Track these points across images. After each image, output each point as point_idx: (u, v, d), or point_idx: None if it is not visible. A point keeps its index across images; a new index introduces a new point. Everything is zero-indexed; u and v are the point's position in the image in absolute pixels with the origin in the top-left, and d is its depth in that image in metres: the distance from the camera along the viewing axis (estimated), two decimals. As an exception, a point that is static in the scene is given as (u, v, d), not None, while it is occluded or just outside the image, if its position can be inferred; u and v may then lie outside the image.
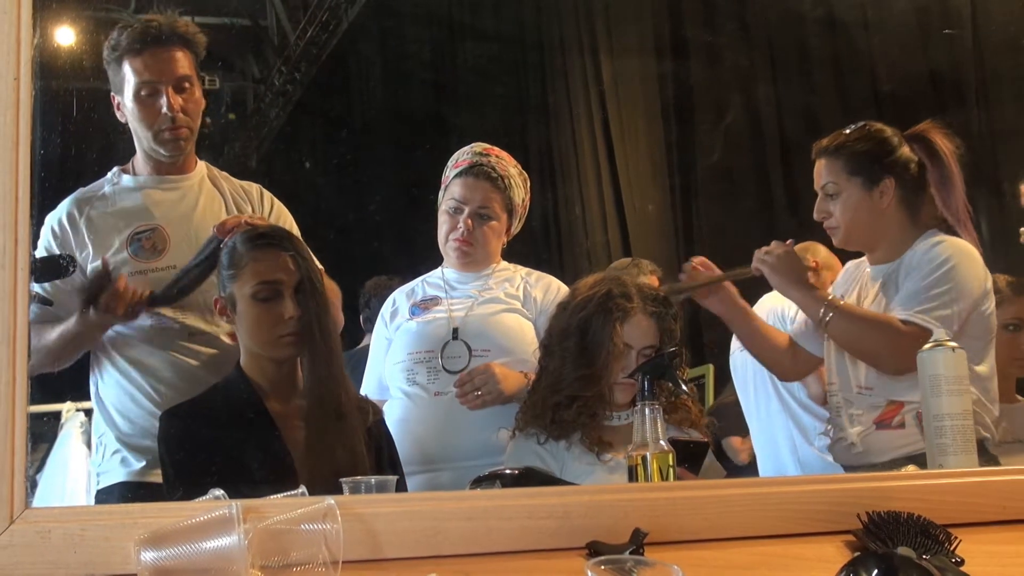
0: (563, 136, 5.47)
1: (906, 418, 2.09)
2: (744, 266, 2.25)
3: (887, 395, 2.12)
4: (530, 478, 1.61)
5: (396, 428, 2.12)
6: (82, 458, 3.45)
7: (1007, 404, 2.41)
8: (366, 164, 5.25)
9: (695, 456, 1.86)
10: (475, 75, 5.52)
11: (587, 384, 2.01)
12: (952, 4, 3.76)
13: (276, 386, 1.90)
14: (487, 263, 2.35)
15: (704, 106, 4.95)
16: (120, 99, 2.12)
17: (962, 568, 1.23)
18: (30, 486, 1.16)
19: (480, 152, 2.33)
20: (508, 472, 1.63)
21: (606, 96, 5.26)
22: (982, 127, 3.84)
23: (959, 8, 3.73)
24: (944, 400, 1.71)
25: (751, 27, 4.66)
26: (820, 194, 2.22)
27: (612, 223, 5.19)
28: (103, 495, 2.08)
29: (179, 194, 2.17)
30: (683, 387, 1.99)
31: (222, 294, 1.92)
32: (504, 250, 2.40)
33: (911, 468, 1.75)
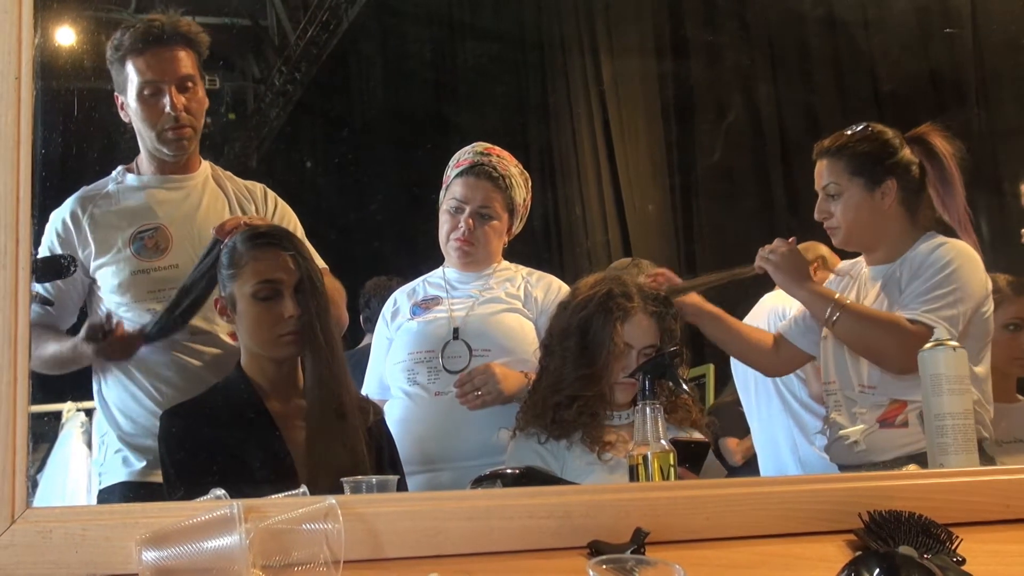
0: (563, 136, 5.46)
1: (910, 417, 2.09)
2: (744, 265, 2.25)
3: (890, 394, 2.12)
4: (531, 478, 1.61)
5: (397, 428, 2.13)
6: (83, 458, 3.45)
7: (1007, 404, 2.42)
8: (367, 164, 5.25)
9: (696, 456, 1.86)
10: (475, 75, 5.52)
11: (588, 384, 2.01)
12: (952, 3, 3.75)
13: (276, 386, 1.90)
14: (488, 263, 2.35)
15: (704, 106, 4.94)
16: (124, 99, 2.13)
17: (964, 567, 1.23)
18: (31, 486, 1.16)
19: (481, 152, 2.33)
20: (509, 472, 1.63)
21: (606, 96, 5.25)
22: (982, 127, 3.83)
23: (959, 7, 3.73)
24: (945, 399, 1.71)
25: (751, 26, 4.66)
26: (821, 194, 2.22)
27: (612, 223, 5.19)
28: (105, 494, 2.09)
29: (183, 193, 2.17)
30: (684, 387, 1.99)
31: (222, 293, 1.92)
32: (505, 250, 2.40)
33: (912, 467, 1.75)
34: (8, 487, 1.13)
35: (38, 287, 2.00)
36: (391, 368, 2.30)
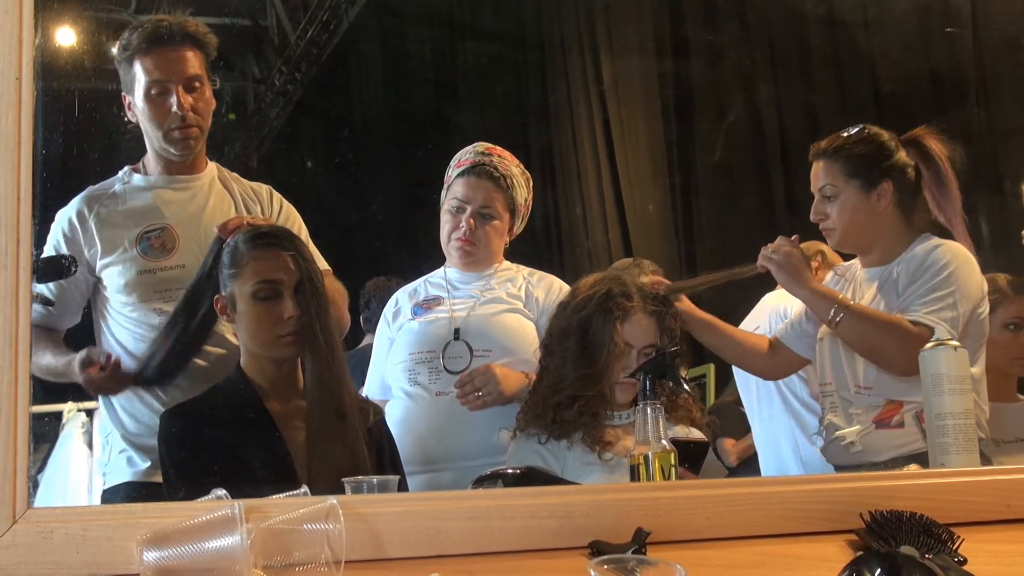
0: (563, 136, 5.46)
1: (906, 417, 2.09)
2: (745, 264, 2.25)
3: (886, 394, 2.12)
4: (532, 478, 1.61)
5: (397, 428, 2.13)
6: (83, 458, 3.45)
7: (1008, 403, 2.42)
8: (367, 164, 5.24)
9: (695, 456, 1.86)
10: (476, 75, 5.52)
11: (588, 383, 2.01)
12: (952, 3, 3.75)
13: (276, 386, 1.90)
14: (489, 263, 2.35)
15: (704, 105, 4.94)
16: (131, 99, 2.14)
17: (965, 567, 1.23)
18: (32, 486, 1.16)
19: (483, 152, 2.33)
20: (510, 472, 1.63)
21: (606, 96, 5.25)
22: (982, 127, 3.83)
23: (960, 7, 3.73)
24: (946, 399, 1.71)
25: (751, 26, 4.65)
26: (817, 196, 2.23)
27: (613, 223, 5.19)
28: (108, 494, 2.09)
29: (189, 194, 2.18)
30: (685, 386, 1.99)
31: (223, 293, 1.92)
32: (506, 250, 2.40)
33: (913, 467, 1.75)
34: (9, 487, 1.13)
35: (39, 287, 2.00)
36: (392, 368, 2.30)
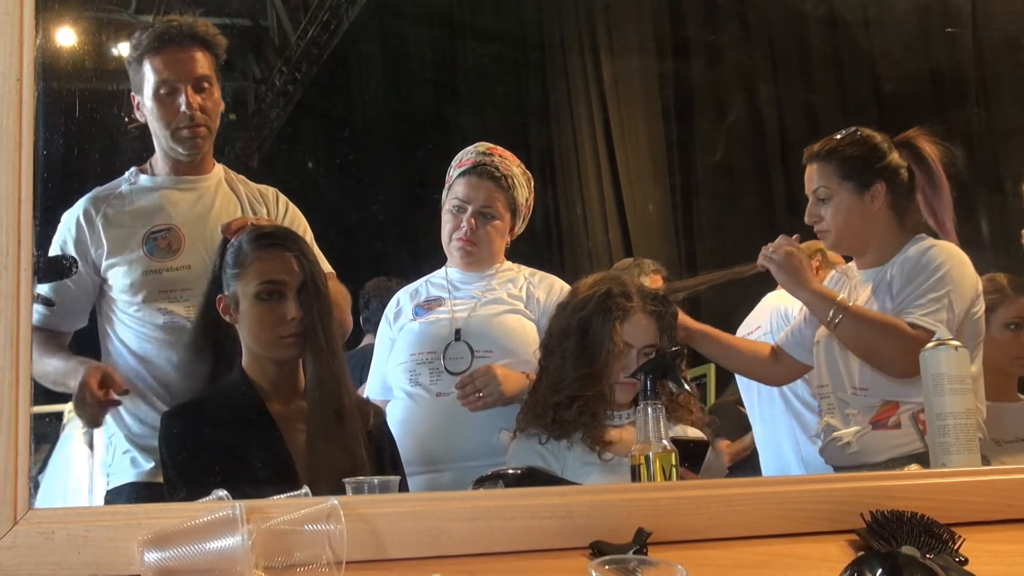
0: (564, 136, 5.47)
1: (902, 418, 2.09)
2: (745, 264, 2.25)
3: (882, 395, 2.13)
4: (533, 478, 1.61)
5: (398, 428, 2.12)
6: (84, 459, 3.44)
7: (1009, 403, 2.42)
8: (368, 164, 5.25)
9: (695, 455, 1.86)
10: (476, 75, 5.52)
11: (588, 383, 2.01)
12: (953, 3, 3.76)
13: (277, 387, 1.89)
14: (491, 263, 2.35)
15: (705, 105, 4.95)
16: (140, 98, 2.14)
17: (966, 567, 1.23)
18: (33, 487, 1.16)
19: (484, 152, 2.33)
20: (511, 472, 1.63)
21: (607, 95, 5.26)
22: (982, 127, 3.84)
23: (960, 7, 3.73)
24: (947, 399, 1.71)
25: (752, 26, 4.66)
26: (811, 198, 2.23)
27: (613, 223, 5.19)
28: (112, 495, 2.09)
29: (196, 195, 2.18)
30: (685, 387, 1.99)
31: (226, 292, 1.91)
32: (507, 250, 2.40)
33: (914, 467, 1.75)
34: (10, 488, 1.13)
35: (39, 288, 2.00)
36: (393, 369, 2.30)
